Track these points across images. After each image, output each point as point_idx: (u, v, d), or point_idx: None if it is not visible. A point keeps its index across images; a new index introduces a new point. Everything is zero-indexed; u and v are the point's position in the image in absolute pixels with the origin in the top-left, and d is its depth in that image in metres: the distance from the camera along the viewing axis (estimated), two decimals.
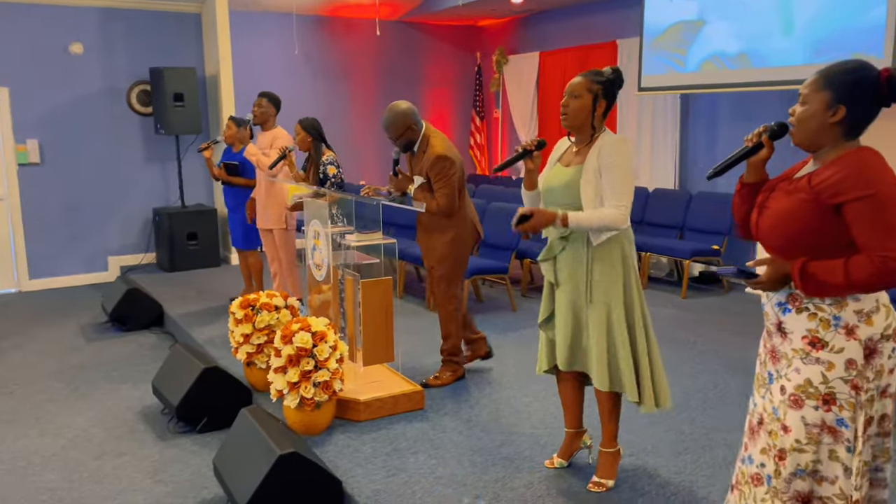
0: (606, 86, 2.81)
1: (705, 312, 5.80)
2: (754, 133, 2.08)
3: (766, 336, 2.13)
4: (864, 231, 1.84)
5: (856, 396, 1.91)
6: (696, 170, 7.29)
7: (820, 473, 1.96)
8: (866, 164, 1.86)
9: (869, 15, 5.09)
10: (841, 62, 1.96)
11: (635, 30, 7.08)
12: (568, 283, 2.90)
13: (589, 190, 2.77)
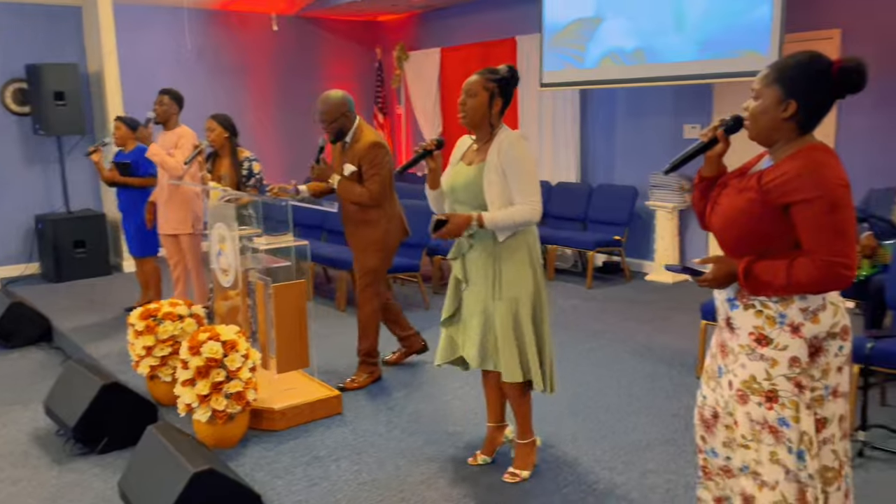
0: (502, 84, 2.85)
1: (610, 301, 5.97)
2: (709, 128, 2.06)
3: (717, 330, 2.14)
4: (810, 233, 1.83)
5: (798, 395, 1.90)
6: (596, 163, 7.50)
7: (761, 477, 1.94)
8: (816, 164, 1.84)
9: (755, 13, 5.36)
10: (792, 55, 1.92)
11: (535, 27, 7.19)
12: (477, 280, 2.91)
13: (493, 190, 2.79)
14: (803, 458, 1.91)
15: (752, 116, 1.95)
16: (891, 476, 3.01)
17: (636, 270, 7.02)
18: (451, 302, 3.06)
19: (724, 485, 2.12)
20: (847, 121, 5.60)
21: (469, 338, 2.96)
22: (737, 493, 2.01)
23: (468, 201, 2.88)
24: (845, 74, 1.85)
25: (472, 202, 2.86)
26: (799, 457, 1.91)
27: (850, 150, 5.57)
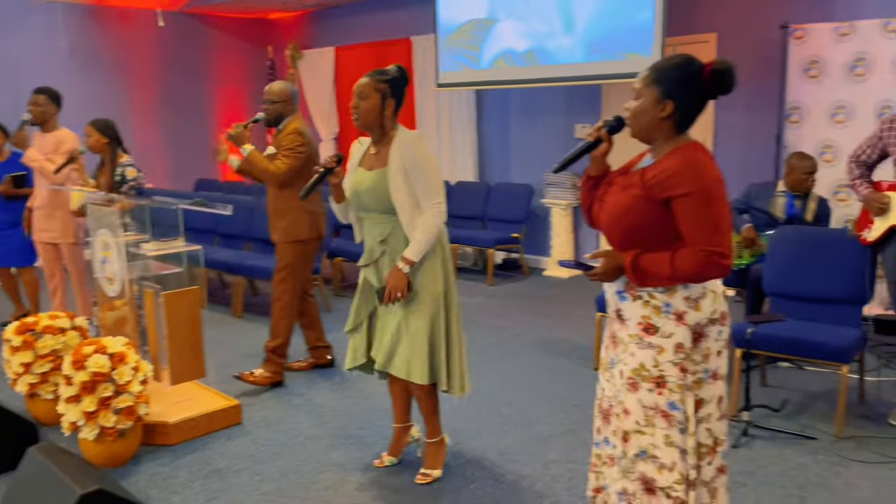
0: (393, 84, 2.83)
1: (510, 298, 6.08)
2: (594, 128, 2.13)
3: (608, 322, 2.21)
4: (690, 226, 1.93)
5: (683, 378, 2.00)
6: (493, 162, 7.62)
7: (659, 460, 2.02)
8: (693, 161, 1.94)
9: (638, 16, 5.60)
10: (669, 58, 2.02)
11: (430, 27, 7.22)
12: None
13: (399, 194, 2.76)
14: (684, 434, 2.02)
15: (633, 116, 2.04)
16: (773, 452, 3.21)
17: (534, 267, 7.18)
18: (360, 309, 2.99)
19: (608, 474, 2.20)
20: (724, 120, 5.95)
21: (383, 341, 2.91)
22: (636, 477, 2.07)
23: (374, 207, 2.84)
24: (716, 76, 1.95)
25: (378, 207, 2.82)
26: (682, 434, 2.03)
27: (728, 148, 5.93)
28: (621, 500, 2.11)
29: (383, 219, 2.83)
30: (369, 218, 2.89)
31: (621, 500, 2.11)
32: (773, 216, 4.51)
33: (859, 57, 5.02)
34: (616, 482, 2.13)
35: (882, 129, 3.44)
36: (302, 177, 3.84)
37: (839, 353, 3.35)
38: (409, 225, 2.78)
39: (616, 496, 2.13)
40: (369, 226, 2.91)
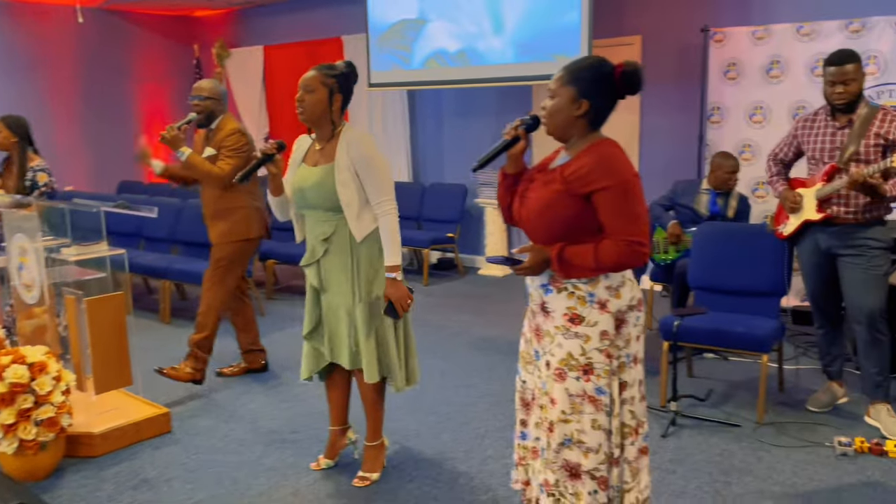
0: (341, 80, 2.79)
1: (447, 297, 6.11)
2: (511, 127, 2.18)
3: (530, 316, 2.25)
4: (610, 218, 2.02)
5: (609, 364, 2.08)
6: (426, 162, 7.63)
7: (585, 445, 2.09)
8: (610, 156, 2.04)
9: (566, 18, 5.71)
10: (582, 59, 2.12)
11: (360, 27, 7.18)
12: (338, 285, 2.83)
13: (347, 191, 2.72)
14: (610, 416, 2.11)
15: (549, 114, 2.11)
16: (699, 440, 3.33)
17: (469, 266, 7.23)
18: (312, 313, 2.93)
19: (531, 467, 2.24)
20: (650, 120, 6.12)
21: (340, 343, 2.87)
22: (559, 465, 2.12)
23: (319, 204, 2.78)
24: (626, 77, 2.06)
25: (324, 205, 2.77)
26: (608, 416, 2.11)
27: (653, 147, 6.11)
28: (542, 491, 2.16)
29: (327, 216, 2.78)
30: (312, 215, 2.84)
31: (542, 492, 2.16)
32: (697, 213, 4.67)
33: (774, 59, 5.25)
34: (538, 474, 2.18)
35: (797, 127, 3.61)
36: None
37: (759, 343, 3.49)
38: (357, 223, 2.75)
39: (538, 488, 2.18)
40: (312, 224, 2.86)
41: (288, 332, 5.16)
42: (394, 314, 2.76)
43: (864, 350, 3.42)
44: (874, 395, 3.44)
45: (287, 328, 5.25)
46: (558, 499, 2.12)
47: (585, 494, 2.10)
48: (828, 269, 3.51)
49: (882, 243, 3.36)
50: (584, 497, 2.10)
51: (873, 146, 3.29)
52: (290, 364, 4.40)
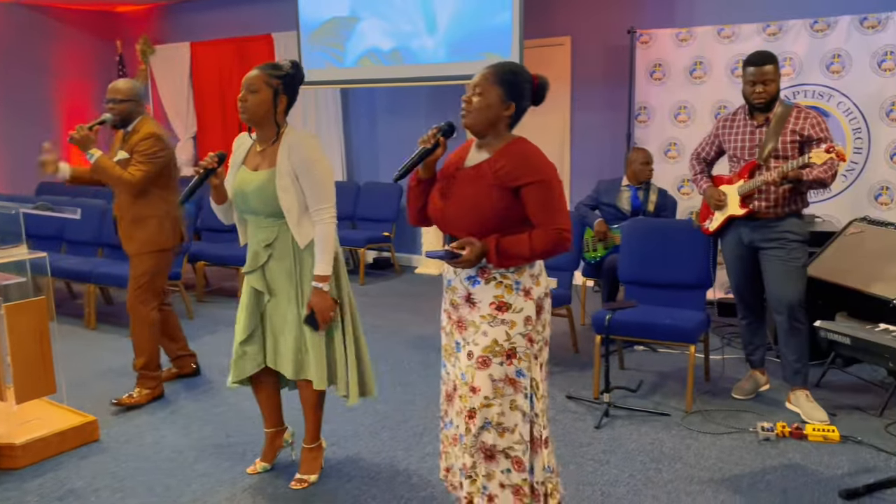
0: (286, 81, 2.71)
1: (383, 297, 6.10)
2: (429, 135, 2.24)
3: (450, 309, 2.32)
4: (540, 209, 2.15)
5: (530, 348, 2.21)
6: (360, 161, 7.59)
7: (503, 425, 2.19)
8: (534, 153, 2.18)
9: (497, 19, 5.77)
10: (506, 63, 2.24)
11: (291, 24, 7.08)
12: (284, 292, 2.78)
13: (288, 198, 2.67)
14: (532, 401, 2.22)
15: (477, 109, 2.18)
16: (631, 430, 3.43)
17: (406, 265, 7.23)
18: (250, 318, 2.85)
19: (452, 454, 2.33)
20: (580, 119, 6.26)
21: (285, 351, 2.81)
22: (477, 448, 2.20)
23: (260, 209, 2.72)
24: (540, 88, 2.24)
25: (265, 210, 2.71)
26: (529, 400, 2.22)
27: (584, 145, 6.25)
28: (462, 475, 2.24)
29: (269, 222, 2.73)
30: (254, 221, 2.77)
31: (462, 475, 2.24)
32: (620, 209, 4.82)
33: (697, 61, 5.44)
34: (458, 460, 2.27)
35: (717, 127, 3.76)
36: (159, 184, 3.65)
37: (686, 334, 3.62)
38: (298, 229, 2.70)
39: (458, 473, 2.28)
40: (254, 229, 2.79)
41: (219, 335, 5.05)
42: (314, 325, 2.72)
43: (784, 339, 3.58)
44: (794, 382, 3.61)
45: (218, 331, 5.14)
46: (474, 480, 2.22)
47: (498, 473, 2.21)
48: (750, 262, 3.66)
49: (800, 236, 3.53)
50: (497, 476, 2.21)
51: (790, 142, 3.45)
52: (223, 368, 4.30)
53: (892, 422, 3.44)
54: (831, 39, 4.93)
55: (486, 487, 2.22)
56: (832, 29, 4.92)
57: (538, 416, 2.24)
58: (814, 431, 3.29)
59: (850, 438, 3.28)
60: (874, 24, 4.78)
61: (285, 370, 2.82)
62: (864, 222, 4.10)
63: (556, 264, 4.38)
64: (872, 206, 4.90)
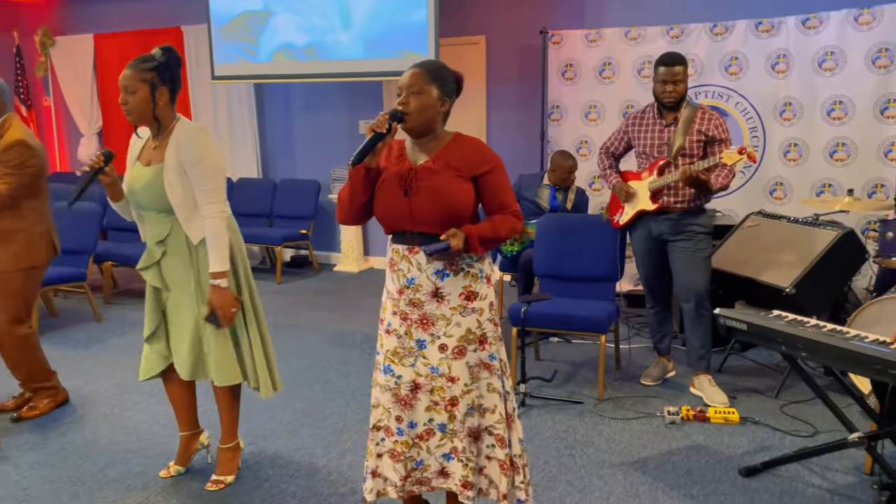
0: (161, 71, 2.63)
1: (301, 295, 6.03)
2: (380, 121, 2.18)
3: (408, 309, 2.26)
4: (498, 194, 2.25)
5: (496, 331, 2.31)
6: (277, 158, 7.47)
7: (483, 406, 2.28)
8: (478, 143, 2.27)
9: (413, 16, 5.80)
10: (432, 61, 2.28)
11: (201, 16, 6.89)
12: (179, 286, 2.72)
13: (177, 192, 2.62)
14: (503, 380, 2.33)
15: (419, 110, 2.19)
16: (546, 418, 3.53)
17: (324, 263, 7.17)
18: (153, 315, 2.79)
19: (423, 450, 2.29)
20: (496, 117, 6.37)
21: (180, 349, 2.75)
22: (465, 434, 2.24)
23: (151, 205, 2.66)
24: (459, 84, 2.30)
25: (155, 206, 2.65)
26: (501, 379, 2.31)
27: (500, 142, 6.36)
28: (451, 458, 2.26)
29: (161, 218, 2.67)
30: (148, 217, 2.71)
31: (451, 459, 2.25)
32: (539, 206, 4.93)
33: (606, 61, 5.63)
34: (441, 447, 2.26)
35: (627, 123, 3.91)
36: (29, 195, 3.36)
37: (597, 325, 3.75)
38: (188, 224, 2.65)
39: (443, 459, 2.27)
40: (149, 225, 2.73)
41: (128, 336, 4.88)
42: (215, 322, 2.68)
43: (690, 326, 3.76)
44: (698, 367, 3.80)
45: (127, 333, 4.97)
46: (466, 463, 2.26)
47: (484, 448, 2.30)
48: (659, 255, 3.83)
49: (706, 229, 3.72)
50: (483, 451, 2.30)
51: (696, 142, 3.63)
52: (133, 371, 4.17)
53: (787, 402, 3.68)
54: (729, 42, 5.20)
55: (477, 464, 2.30)
56: (730, 32, 5.19)
57: (508, 394, 2.35)
58: (716, 414, 3.48)
59: (749, 419, 3.48)
60: (768, 29, 5.08)
61: (181, 369, 2.78)
62: (760, 216, 4.36)
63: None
64: (768, 201, 5.20)
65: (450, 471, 2.28)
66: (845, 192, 4.47)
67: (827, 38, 4.89)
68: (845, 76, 4.86)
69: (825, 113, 4.96)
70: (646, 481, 2.93)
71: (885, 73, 4.74)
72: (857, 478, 2.92)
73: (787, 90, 5.06)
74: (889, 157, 4.80)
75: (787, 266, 3.87)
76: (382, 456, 2.34)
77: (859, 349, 2.47)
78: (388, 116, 2.18)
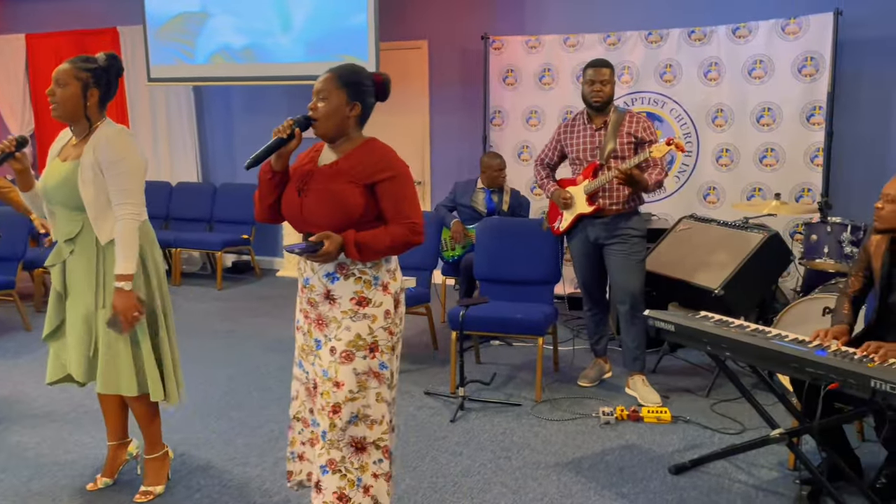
0: (98, 73, 2.62)
1: (242, 301, 5.94)
2: (284, 126, 2.22)
3: (308, 308, 2.31)
4: (395, 204, 2.21)
5: (390, 340, 2.27)
6: (217, 162, 7.35)
7: (370, 417, 2.23)
8: (387, 151, 2.25)
9: (353, 20, 5.78)
10: (345, 65, 2.27)
11: (137, 18, 6.74)
12: (81, 288, 2.65)
13: (89, 190, 2.57)
14: (390, 388, 2.30)
15: (325, 116, 2.21)
16: (484, 421, 3.55)
17: (267, 268, 7.08)
18: (54, 314, 2.75)
19: (312, 454, 2.32)
20: (439, 121, 6.38)
21: (73, 352, 2.68)
22: (345, 443, 2.22)
23: (63, 202, 2.60)
24: (383, 86, 2.30)
25: (67, 202, 2.59)
26: (390, 390, 2.30)
27: (444, 147, 6.38)
28: (325, 471, 2.22)
29: (72, 216, 2.62)
30: (60, 213, 2.65)
31: (325, 472, 2.22)
32: (476, 210, 4.98)
33: (546, 67, 5.71)
34: (320, 457, 2.24)
35: (559, 132, 3.97)
36: None
37: (535, 327, 3.80)
38: (98, 223, 2.60)
39: (320, 470, 2.23)
40: (60, 222, 2.67)
41: None
42: (118, 327, 2.62)
43: (625, 327, 3.84)
44: (632, 368, 3.88)
45: None
46: (344, 474, 2.22)
47: (371, 464, 2.25)
48: (596, 259, 3.90)
49: (640, 231, 3.81)
50: (370, 467, 2.25)
51: (626, 144, 3.72)
52: None
53: (717, 401, 3.78)
54: (664, 50, 5.33)
55: (361, 480, 2.24)
56: (665, 40, 5.32)
57: (390, 405, 2.32)
58: (648, 413, 3.55)
59: (681, 418, 3.57)
60: (700, 37, 5.22)
61: (75, 374, 2.71)
62: (692, 219, 4.48)
63: (415, 264, 4.46)
64: (702, 205, 5.35)
65: (323, 485, 2.22)
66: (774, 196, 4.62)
67: (756, 47, 5.06)
68: (773, 84, 5.04)
69: (755, 119, 5.13)
70: (579, 481, 2.97)
71: (810, 81, 4.93)
72: (781, 473, 3.02)
73: (719, 97, 5.21)
74: (815, 162, 4.99)
75: (716, 268, 3.99)
76: (305, 444, 2.37)
77: (779, 348, 2.56)
78: (293, 122, 2.21)
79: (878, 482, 2.76)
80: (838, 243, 3.95)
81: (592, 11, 5.71)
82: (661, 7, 5.48)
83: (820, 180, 4.97)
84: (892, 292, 2.73)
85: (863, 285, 2.89)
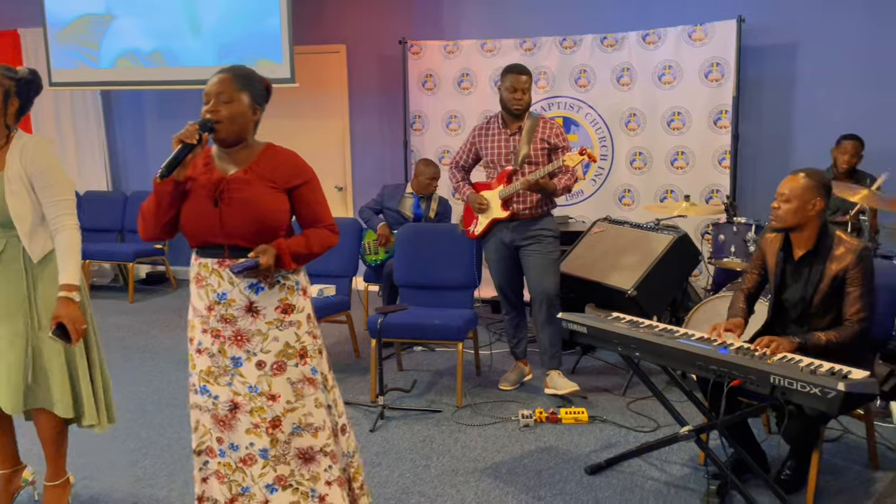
0: (21, 85, 2.52)
1: (156, 313, 5.72)
2: (189, 131, 2.06)
3: (220, 326, 2.17)
4: (313, 207, 2.22)
5: (315, 344, 2.24)
6: (128, 169, 7.07)
7: (313, 425, 2.18)
8: (292, 155, 2.22)
9: (266, 23, 5.65)
10: (241, 67, 2.20)
11: (38, 19, 6.42)
12: (6, 310, 2.48)
13: (20, 205, 2.42)
14: (325, 391, 2.26)
15: (231, 119, 2.12)
16: (405, 430, 3.51)
17: (183, 278, 6.84)
18: None
19: (247, 477, 2.19)
20: (360, 126, 6.32)
21: (6, 381, 2.48)
22: (292, 456, 2.16)
23: None
24: (269, 91, 2.24)
25: None
26: (325, 392, 2.26)
27: (365, 151, 6.32)
28: (274, 490, 2.15)
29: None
30: None
31: (274, 490, 2.15)
32: (402, 215, 4.94)
33: (464, 72, 5.73)
34: (264, 476, 2.15)
35: (473, 135, 3.98)
36: None
37: (453, 332, 3.78)
38: (30, 240, 2.45)
39: (266, 490, 2.15)
40: None
41: None
42: (65, 338, 2.49)
43: (541, 327, 3.87)
44: (550, 365, 3.92)
45: None
46: (296, 488, 2.16)
47: (322, 473, 2.20)
48: (511, 261, 3.93)
49: (553, 232, 3.86)
50: (322, 475, 2.20)
51: (540, 149, 3.76)
52: None
53: (633, 400, 3.86)
54: (578, 56, 5.43)
55: (315, 490, 2.18)
56: (578, 46, 5.42)
57: (332, 407, 2.28)
58: (567, 415, 3.59)
59: (598, 418, 3.62)
60: (612, 44, 5.34)
61: (7, 405, 2.52)
62: (606, 222, 4.56)
63: (335, 271, 4.39)
64: (618, 207, 5.47)
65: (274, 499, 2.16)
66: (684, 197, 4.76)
67: (665, 53, 5.21)
68: (682, 88, 5.19)
69: (665, 123, 5.28)
70: (497, 486, 2.97)
71: (717, 85, 5.10)
72: (692, 469, 3.10)
73: (632, 102, 5.34)
74: (723, 164, 5.17)
75: (629, 269, 4.07)
76: (208, 479, 2.24)
77: (684, 347, 2.62)
78: (198, 126, 2.09)
79: (782, 474, 2.87)
80: (744, 242, 4.09)
81: (508, 17, 5.77)
82: (575, 13, 5.58)
83: (728, 182, 5.15)
84: (786, 289, 2.84)
85: (757, 282, 2.99)
